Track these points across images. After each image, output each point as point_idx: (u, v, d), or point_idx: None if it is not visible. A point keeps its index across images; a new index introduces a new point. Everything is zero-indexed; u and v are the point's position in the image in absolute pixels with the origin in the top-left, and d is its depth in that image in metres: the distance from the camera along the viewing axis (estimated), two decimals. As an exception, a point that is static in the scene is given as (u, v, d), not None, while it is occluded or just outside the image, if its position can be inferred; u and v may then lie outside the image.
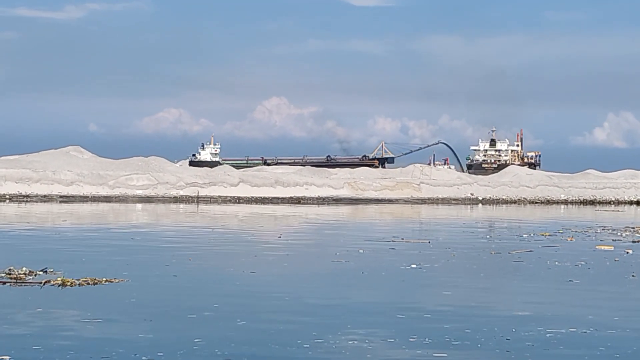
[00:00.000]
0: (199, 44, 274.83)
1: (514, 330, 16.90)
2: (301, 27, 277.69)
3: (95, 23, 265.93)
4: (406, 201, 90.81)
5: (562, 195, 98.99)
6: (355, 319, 18.03)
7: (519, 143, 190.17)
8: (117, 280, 22.62)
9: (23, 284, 21.94)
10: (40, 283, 21.92)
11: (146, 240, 37.39)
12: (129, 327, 16.91)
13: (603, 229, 48.42)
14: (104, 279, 22.54)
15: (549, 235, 42.92)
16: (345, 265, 28.08)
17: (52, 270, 23.99)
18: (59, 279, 22.28)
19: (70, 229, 44.97)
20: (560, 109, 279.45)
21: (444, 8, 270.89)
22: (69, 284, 21.76)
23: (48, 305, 19.08)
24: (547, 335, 16.48)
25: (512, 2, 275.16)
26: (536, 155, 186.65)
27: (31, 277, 22.89)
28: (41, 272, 23.61)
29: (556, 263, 29.27)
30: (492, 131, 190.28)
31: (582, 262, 29.69)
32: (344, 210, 74.08)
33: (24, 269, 23.63)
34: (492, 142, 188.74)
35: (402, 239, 38.95)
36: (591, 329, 17.21)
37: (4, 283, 22.03)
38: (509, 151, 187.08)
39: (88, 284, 21.92)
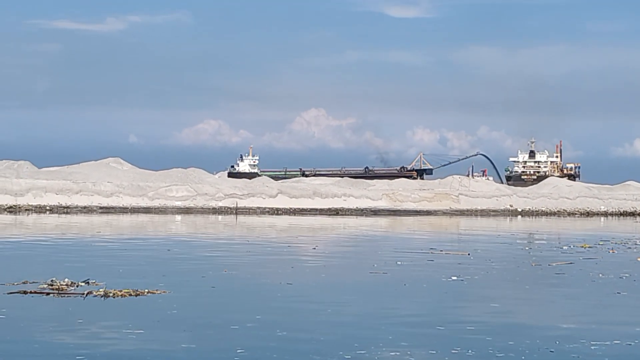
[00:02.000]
0: (238, 56, 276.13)
1: (557, 342, 16.75)
2: (340, 38, 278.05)
3: (135, 35, 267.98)
4: (445, 213, 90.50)
5: (602, 207, 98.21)
6: (397, 330, 17.95)
7: (559, 154, 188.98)
8: (158, 292, 22.70)
9: (66, 295, 22.09)
10: (83, 294, 22.05)
11: (183, 252, 37.53)
12: (171, 337, 16.96)
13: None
14: (146, 290, 22.62)
15: (589, 247, 42.59)
16: (383, 277, 27.98)
17: (94, 281, 24.13)
18: (101, 290, 22.41)
19: (109, 240, 45.25)
20: (600, 120, 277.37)
21: (483, 18, 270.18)
22: (111, 295, 21.88)
23: (91, 316, 19.20)
24: (592, 347, 16.32)
25: (553, 13, 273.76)
26: (576, 167, 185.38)
27: (73, 288, 23.04)
28: (83, 284, 23.75)
29: (600, 275, 28.98)
30: (532, 142, 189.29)
31: (626, 275, 29.38)
32: (382, 221, 73.96)
33: (66, 280, 23.78)
34: (532, 154, 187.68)
35: (441, 250, 38.78)
36: (636, 341, 17.01)
37: (48, 294, 22.21)
38: (549, 162, 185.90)
39: (130, 295, 22.01)
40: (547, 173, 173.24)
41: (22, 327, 17.93)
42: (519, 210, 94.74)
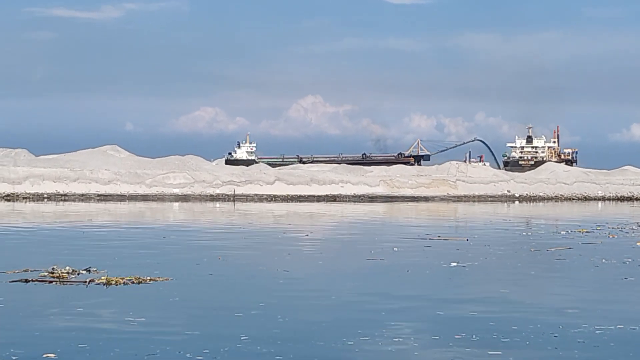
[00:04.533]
0: (235, 43, 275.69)
1: (561, 327, 16.73)
2: (338, 25, 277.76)
3: (132, 23, 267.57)
4: (442, 199, 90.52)
5: (599, 192, 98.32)
6: (400, 317, 17.93)
7: (556, 140, 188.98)
8: (161, 279, 22.66)
9: (68, 283, 22.05)
10: (85, 282, 22.02)
11: (179, 239, 37.47)
12: (175, 325, 16.94)
13: (638, 226, 48.11)
14: (149, 278, 22.57)
15: (587, 232, 42.65)
16: (381, 263, 27.92)
17: (95, 269, 24.08)
18: (103, 277, 22.36)
19: (107, 228, 45.21)
20: (597, 105, 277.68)
21: (481, 5, 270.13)
22: (113, 282, 21.84)
23: (93, 304, 19.16)
24: (597, 332, 16.31)
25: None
26: (573, 152, 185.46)
27: (74, 276, 22.99)
28: (85, 271, 23.70)
29: (603, 261, 28.89)
30: (529, 128, 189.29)
31: (629, 260, 29.26)
32: (379, 208, 73.96)
33: (67, 268, 23.73)
34: (529, 139, 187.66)
35: (439, 236, 38.75)
36: (641, 326, 17.00)
37: (50, 282, 22.16)
38: (546, 148, 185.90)
39: (133, 282, 21.98)
40: (544, 158, 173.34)
41: (23, 315, 17.89)
42: (517, 195, 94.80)
